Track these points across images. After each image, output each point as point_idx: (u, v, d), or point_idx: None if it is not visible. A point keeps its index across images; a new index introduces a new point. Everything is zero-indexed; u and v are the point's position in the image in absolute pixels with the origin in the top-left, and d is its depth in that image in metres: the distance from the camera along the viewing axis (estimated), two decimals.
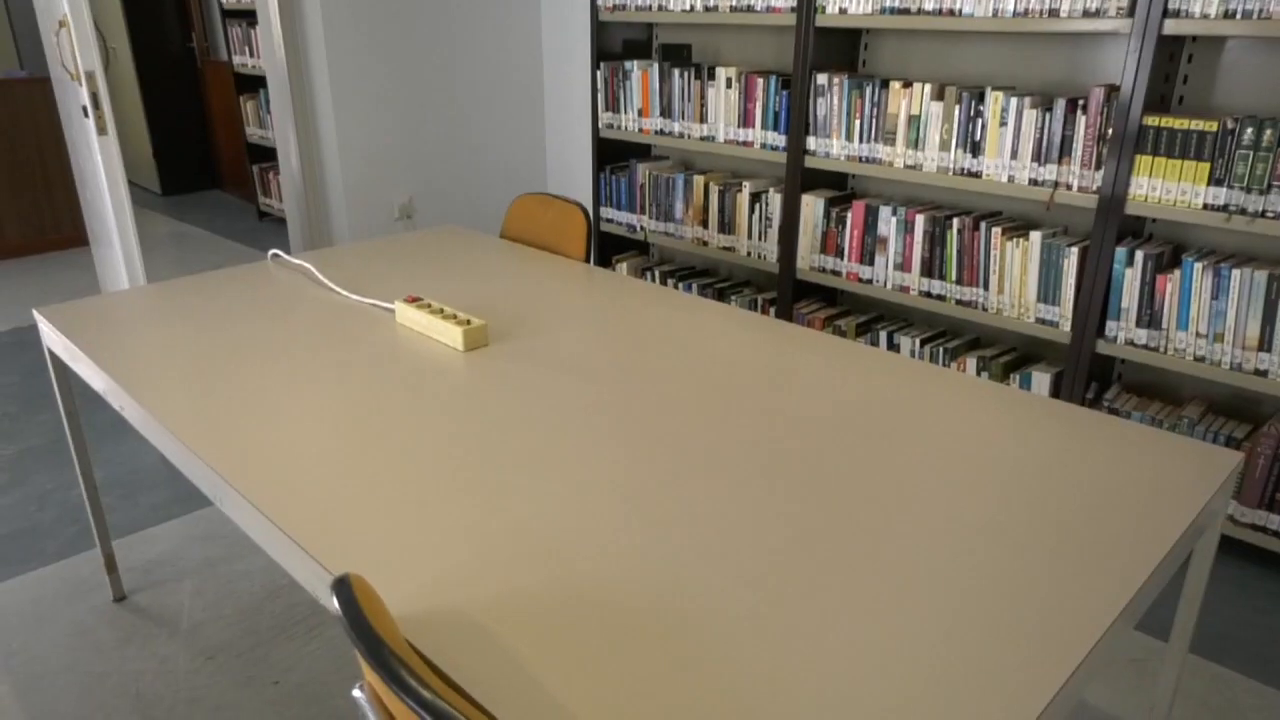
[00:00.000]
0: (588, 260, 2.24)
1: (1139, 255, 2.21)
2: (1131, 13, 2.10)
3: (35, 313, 1.84)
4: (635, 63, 3.26)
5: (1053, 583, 0.98)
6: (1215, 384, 2.37)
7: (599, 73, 3.37)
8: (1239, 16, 1.96)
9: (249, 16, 5.36)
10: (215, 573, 2.22)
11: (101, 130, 2.68)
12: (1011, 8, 2.29)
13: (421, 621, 0.92)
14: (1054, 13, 2.22)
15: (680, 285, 3.36)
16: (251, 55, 5.39)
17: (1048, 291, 2.39)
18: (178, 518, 2.46)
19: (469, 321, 1.65)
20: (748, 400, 1.43)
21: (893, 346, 2.79)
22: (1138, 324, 2.26)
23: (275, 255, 2.20)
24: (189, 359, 1.59)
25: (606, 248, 3.66)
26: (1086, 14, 2.17)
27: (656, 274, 3.47)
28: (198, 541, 2.35)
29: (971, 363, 2.60)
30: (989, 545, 1.05)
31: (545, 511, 1.12)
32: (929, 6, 2.43)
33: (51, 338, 1.79)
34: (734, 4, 2.87)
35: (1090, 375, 2.39)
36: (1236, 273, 2.08)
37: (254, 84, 5.62)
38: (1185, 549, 1.13)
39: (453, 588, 0.97)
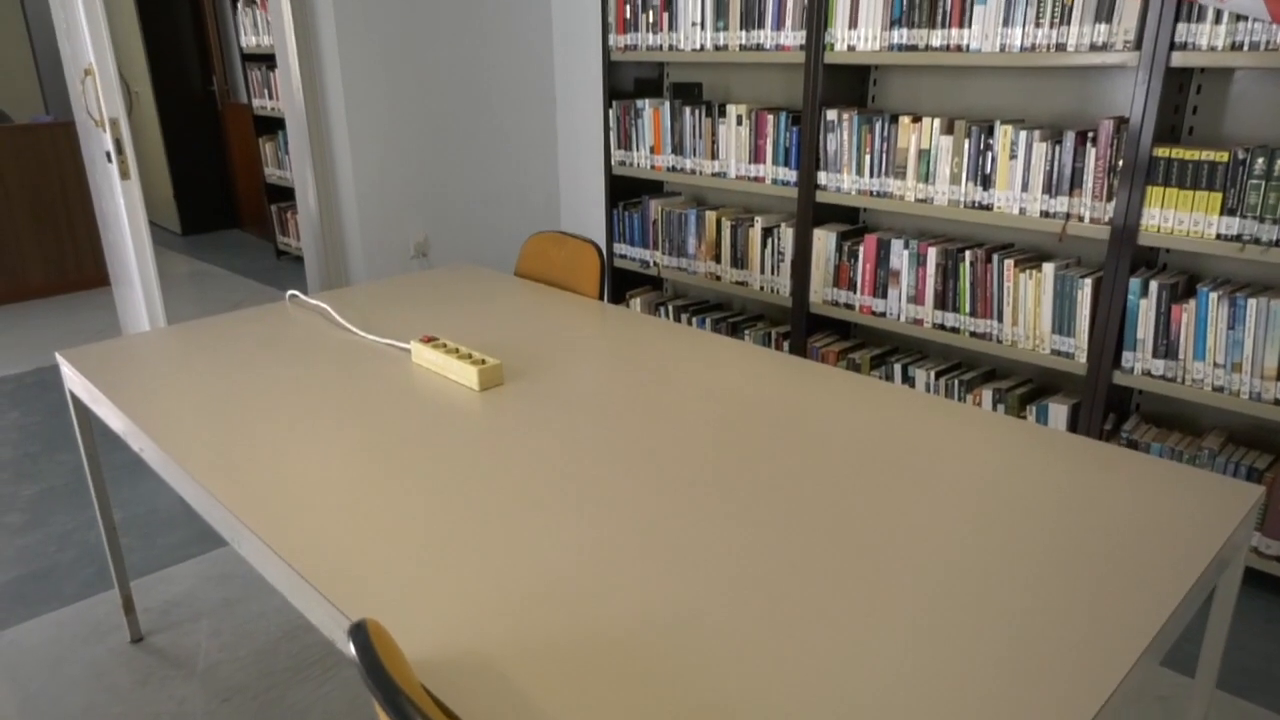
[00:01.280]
0: (601, 297, 2.26)
1: (1153, 286, 2.21)
2: (1139, 46, 2.12)
3: (58, 355, 1.86)
4: (647, 101, 3.30)
5: (1076, 619, 0.97)
6: (1235, 414, 2.35)
7: (611, 111, 3.42)
8: (1246, 48, 1.98)
9: (269, 60, 5.47)
10: (232, 613, 2.23)
11: (124, 175, 2.73)
12: (1018, 43, 2.31)
13: (437, 665, 0.92)
14: (1061, 47, 2.24)
15: (694, 320, 3.37)
16: (271, 98, 5.49)
17: (1062, 323, 2.39)
18: (195, 558, 2.47)
19: (484, 361, 1.66)
20: (764, 437, 1.43)
21: (908, 379, 2.78)
22: (1154, 355, 2.25)
23: (293, 296, 2.23)
24: (208, 401, 1.61)
25: (620, 283, 3.68)
26: (1094, 48, 2.19)
27: (670, 309, 3.48)
28: (214, 582, 2.36)
29: (988, 395, 2.59)
30: (1010, 582, 1.04)
31: (561, 552, 1.12)
32: (936, 43, 2.46)
33: (74, 380, 1.81)
34: (743, 43, 2.91)
35: (1108, 406, 2.37)
36: (1252, 302, 2.07)
37: (273, 126, 5.72)
38: (1209, 583, 1.11)
39: (468, 630, 0.97)
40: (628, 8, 3.24)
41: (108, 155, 2.77)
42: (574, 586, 1.05)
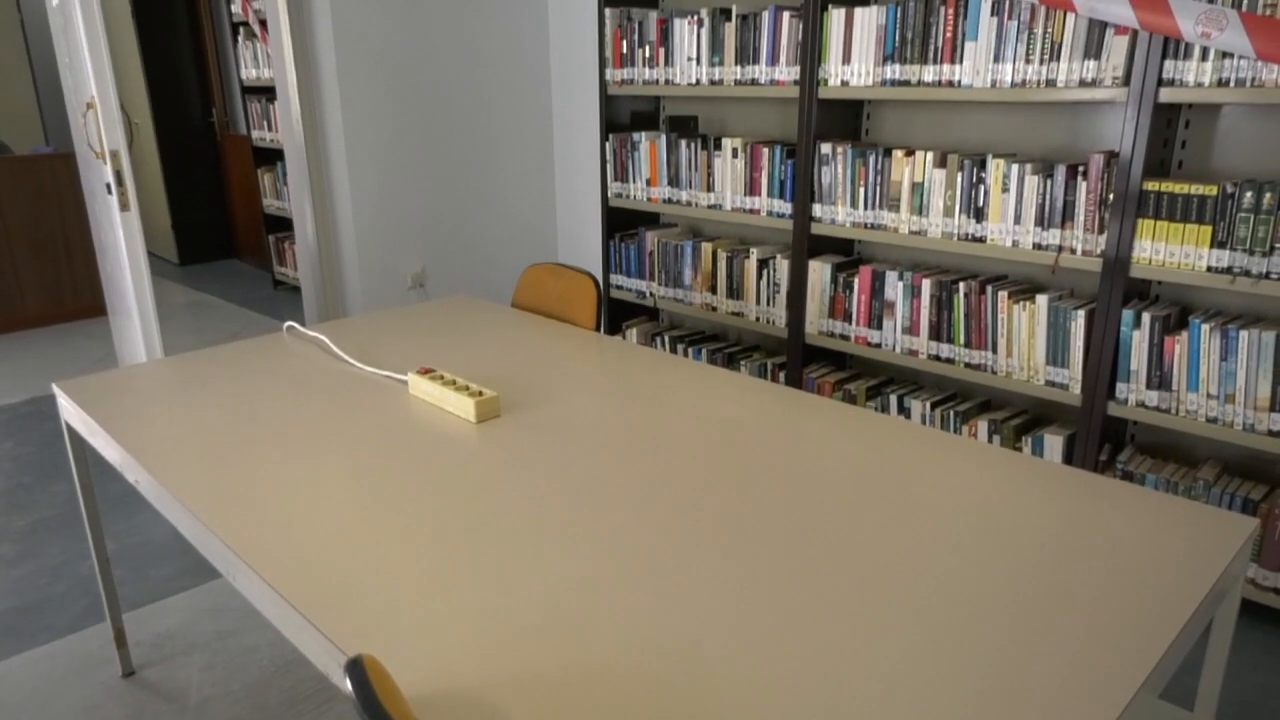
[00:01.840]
0: (598, 328, 2.27)
1: (1146, 317, 2.23)
2: (1127, 82, 2.15)
3: (55, 387, 1.87)
4: (643, 134, 3.34)
5: (1072, 654, 0.97)
6: (1229, 445, 2.36)
7: (608, 144, 3.45)
8: (1232, 85, 2.01)
9: (268, 92, 5.52)
10: (225, 646, 2.21)
11: (124, 207, 2.75)
12: (1009, 79, 2.34)
13: (434, 702, 0.91)
14: (1051, 83, 2.27)
15: (690, 350, 3.38)
16: (270, 129, 5.54)
17: (1056, 354, 2.40)
18: (188, 590, 2.45)
19: (480, 393, 1.66)
20: (760, 469, 1.44)
21: (903, 410, 2.79)
22: (1148, 386, 2.26)
23: (291, 327, 2.23)
24: (204, 432, 1.61)
25: (617, 314, 3.69)
26: (1083, 84, 2.22)
27: (666, 339, 3.49)
28: (207, 615, 2.34)
29: (983, 426, 2.60)
30: (1007, 615, 1.04)
31: (558, 585, 1.12)
32: (928, 78, 2.50)
33: (70, 411, 1.81)
34: (739, 78, 2.95)
35: (1103, 437, 2.38)
36: (1244, 334, 2.09)
37: (271, 157, 5.76)
38: (1206, 616, 1.11)
39: (466, 665, 0.97)
40: (624, 43, 3.29)
41: (108, 187, 2.79)
42: (571, 619, 1.05)
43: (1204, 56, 2.04)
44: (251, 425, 1.64)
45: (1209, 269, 2.11)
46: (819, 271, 2.87)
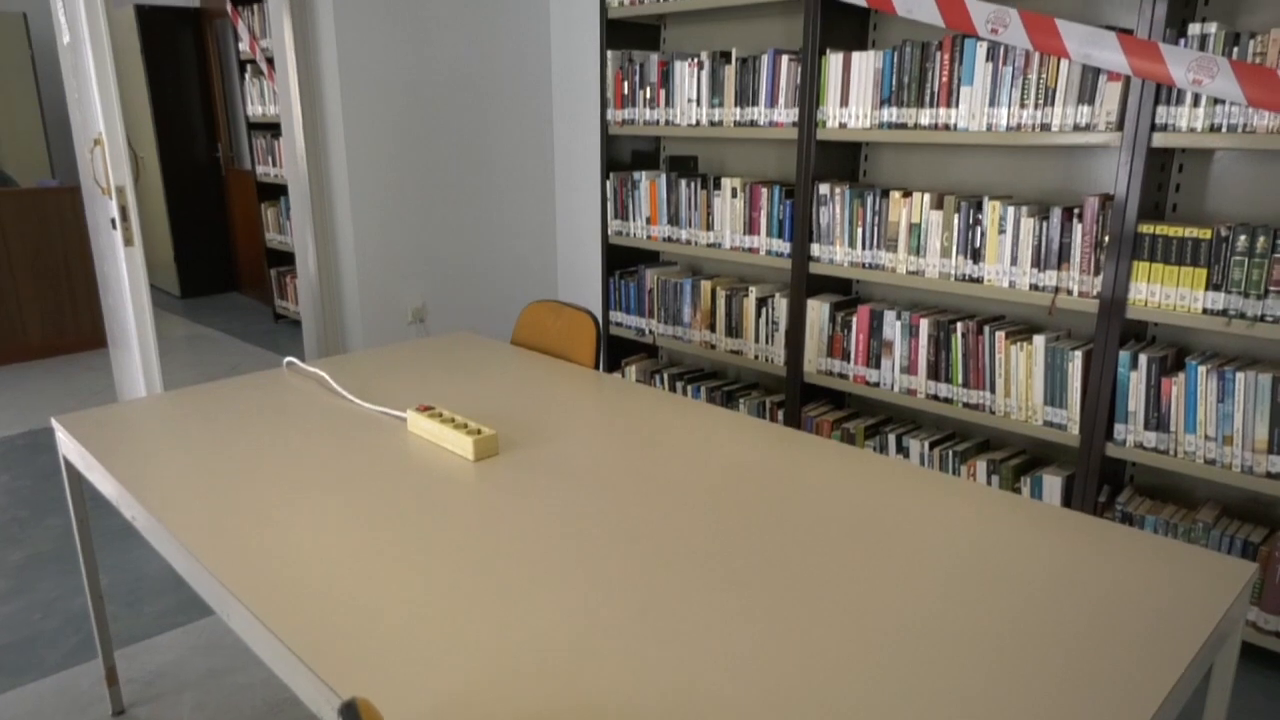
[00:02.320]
0: (597, 366, 2.27)
1: (1143, 359, 2.24)
2: (1120, 127, 2.18)
3: (54, 421, 1.87)
4: (644, 173, 3.37)
5: (1071, 701, 0.97)
6: (1228, 487, 2.36)
7: (609, 182, 3.49)
8: (1224, 130, 2.04)
9: (274, 129, 5.59)
10: (217, 684, 2.18)
11: (128, 241, 2.77)
12: (1004, 122, 2.37)
13: None
14: (1045, 127, 2.30)
15: (689, 388, 3.39)
16: (274, 165, 5.59)
17: (1054, 395, 2.41)
18: (181, 626, 2.43)
19: (479, 431, 1.67)
20: (758, 510, 1.44)
21: (902, 449, 2.78)
22: (1146, 427, 2.26)
23: (290, 363, 2.24)
24: (202, 469, 1.61)
25: (616, 351, 3.70)
26: (1077, 128, 2.25)
27: (665, 376, 3.50)
28: (200, 652, 2.32)
29: (982, 466, 2.60)
30: (1004, 660, 1.04)
31: (555, 627, 1.11)
32: (925, 121, 2.53)
33: (68, 445, 1.81)
34: (738, 119, 2.99)
35: (1102, 478, 2.38)
36: (1241, 376, 2.10)
37: (275, 192, 5.81)
38: (1206, 661, 1.11)
39: (461, 707, 0.96)
40: (626, 84, 3.34)
41: (112, 222, 2.81)
42: (569, 660, 1.04)
43: (1196, 102, 2.07)
44: (250, 462, 1.64)
45: (1204, 311, 2.13)
46: (817, 310, 2.89)
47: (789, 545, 1.32)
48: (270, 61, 5.27)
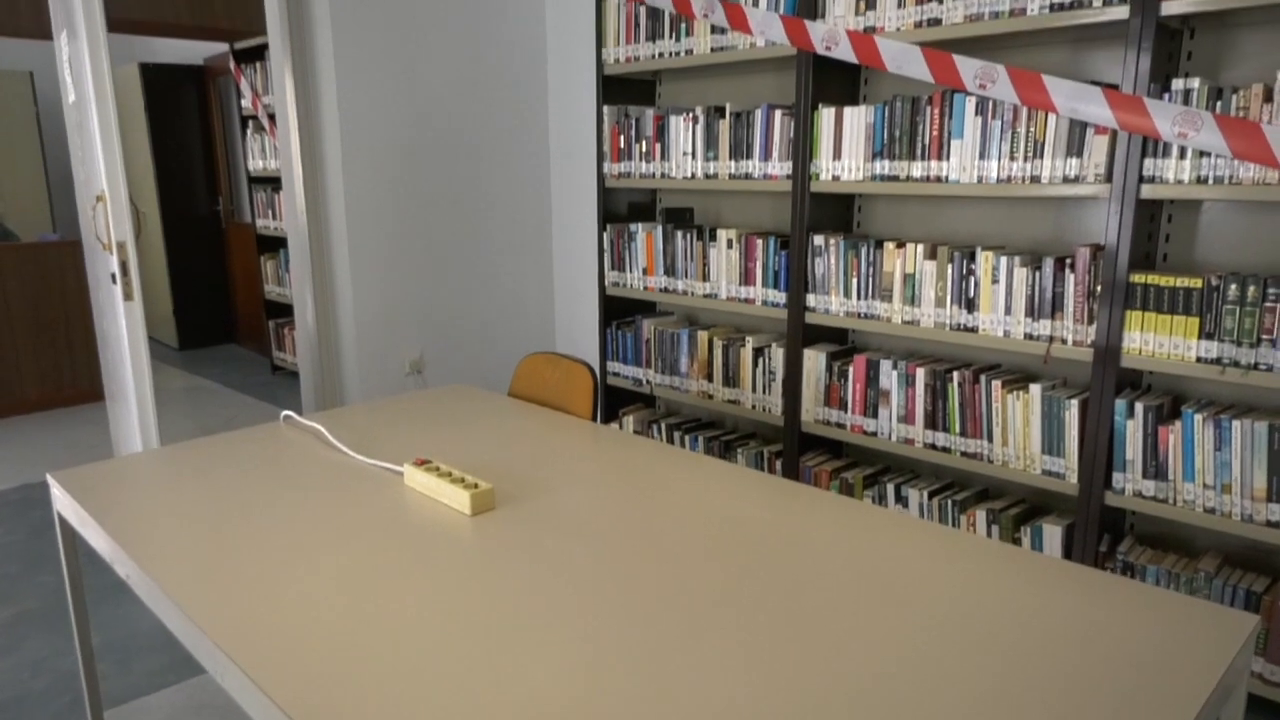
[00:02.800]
0: (595, 418, 2.28)
1: (1139, 407, 2.24)
2: (1109, 179, 2.22)
3: (49, 477, 1.86)
4: (640, 225, 3.41)
5: None
6: (1229, 536, 2.35)
7: (606, 234, 3.52)
8: (1211, 182, 2.07)
9: (274, 183, 5.66)
10: None
11: (128, 296, 2.78)
12: (995, 175, 2.41)
13: None
14: (1035, 179, 2.34)
15: (687, 438, 3.39)
16: (274, 218, 5.65)
17: (1052, 443, 2.41)
18: (172, 685, 2.39)
19: (476, 485, 1.66)
20: (757, 564, 1.43)
21: (901, 499, 2.77)
22: (1144, 475, 2.26)
23: (288, 417, 2.24)
24: (198, 526, 1.60)
25: (613, 401, 3.70)
26: (1066, 180, 2.29)
27: (663, 426, 3.50)
28: (191, 712, 2.28)
29: (981, 515, 2.59)
30: (1004, 717, 1.03)
31: (554, 683, 1.10)
32: (917, 173, 2.57)
33: (63, 501, 1.80)
34: (733, 172, 3.03)
35: (1102, 527, 2.37)
36: (1237, 424, 2.10)
37: (275, 244, 5.86)
38: (1211, 716, 1.09)
39: None
40: (622, 138, 3.39)
41: (112, 277, 2.83)
42: (569, 717, 1.03)
43: (1182, 155, 2.10)
44: (246, 518, 1.63)
45: (1198, 360, 2.14)
46: (814, 360, 2.90)
47: (789, 600, 1.31)
48: (272, 117, 5.36)
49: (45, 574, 3.07)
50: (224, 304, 6.95)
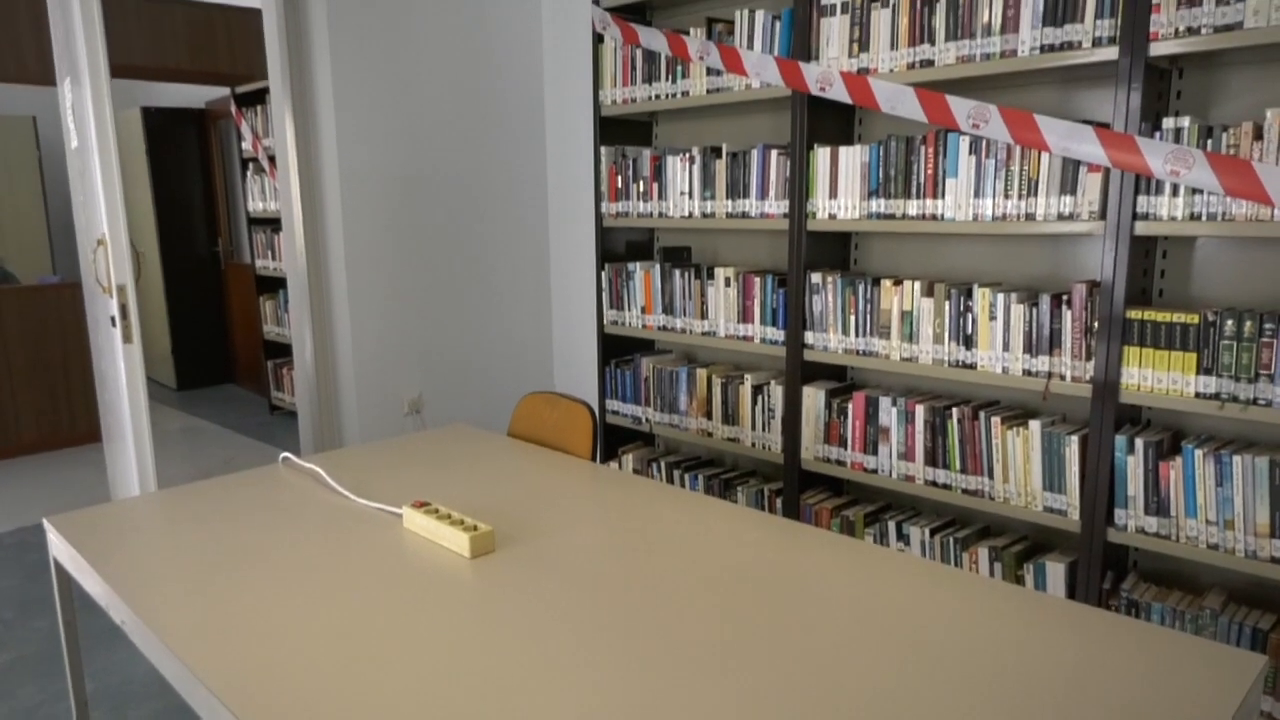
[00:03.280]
0: (594, 458, 2.27)
1: (1139, 443, 2.24)
2: (1103, 216, 2.24)
3: (45, 522, 1.85)
4: (638, 263, 3.43)
5: None
6: (1233, 572, 2.33)
7: (604, 273, 3.54)
8: (1204, 219, 2.09)
9: (273, 223, 5.69)
10: None
11: (127, 339, 2.79)
12: (990, 213, 2.43)
13: None
14: (1030, 216, 2.36)
15: (687, 476, 3.37)
16: (273, 259, 5.68)
17: (1053, 480, 2.40)
18: None
19: (475, 527, 1.65)
20: (759, 606, 1.42)
21: (902, 537, 2.76)
22: (1146, 512, 2.25)
23: (286, 459, 2.23)
24: (195, 572, 1.58)
25: (613, 439, 3.69)
26: (1061, 217, 2.31)
27: (662, 465, 3.48)
28: None
29: (984, 553, 2.57)
30: None
31: None
32: (912, 212, 2.59)
33: (59, 547, 1.79)
34: (730, 211, 3.06)
35: (1105, 564, 2.35)
36: (1237, 459, 2.10)
37: (274, 284, 5.88)
38: None
39: None
40: (619, 178, 3.42)
41: (112, 320, 2.84)
42: None
43: (1175, 192, 2.12)
44: (243, 563, 1.61)
45: (1197, 395, 2.14)
46: (813, 397, 2.90)
47: (790, 642, 1.30)
48: (272, 159, 5.41)
49: (40, 619, 3.03)
50: (222, 344, 6.96)
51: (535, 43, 4.15)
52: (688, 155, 3.16)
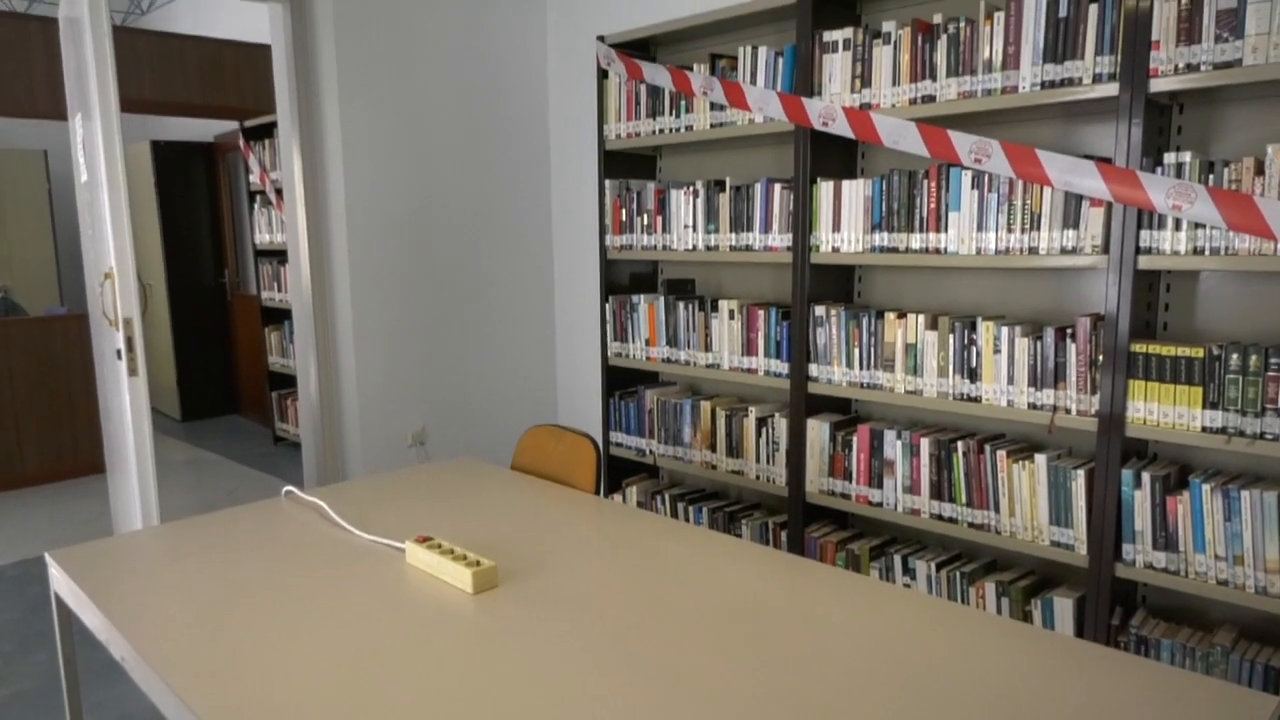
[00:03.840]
0: (598, 491, 2.26)
1: (1146, 477, 2.22)
2: (1106, 250, 2.24)
3: (47, 556, 1.84)
4: (642, 296, 3.44)
5: None
6: (1243, 608, 2.30)
7: (608, 305, 3.55)
8: (1207, 253, 2.09)
9: (280, 255, 5.73)
10: None
11: (133, 372, 2.80)
12: (993, 246, 2.44)
13: None
14: (1033, 250, 2.37)
15: (690, 509, 3.36)
16: (279, 290, 5.70)
17: (1059, 514, 2.38)
18: None
19: (478, 563, 1.64)
20: (764, 643, 1.40)
21: (908, 571, 2.74)
22: (1154, 546, 2.23)
23: (289, 492, 2.23)
24: (197, 608, 1.57)
25: (616, 471, 3.68)
26: (1064, 251, 2.31)
27: (666, 497, 3.47)
28: None
29: (991, 588, 2.55)
30: None
31: None
32: (915, 245, 2.60)
33: (60, 581, 1.78)
34: (734, 244, 3.07)
35: (1114, 599, 2.33)
36: (1246, 494, 2.08)
37: (279, 316, 5.90)
38: None
39: None
40: (624, 211, 3.44)
41: (118, 352, 2.85)
42: None
43: (1178, 226, 2.13)
44: (245, 599, 1.61)
45: (1203, 429, 2.13)
46: (817, 430, 2.89)
47: (795, 680, 1.28)
48: (279, 192, 5.46)
49: (40, 653, 3.01)
50: (227, 375, 6.97)
51: (541, 78, 4.20)
52: (692, 188, 3.18)
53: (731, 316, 3.11)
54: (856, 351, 2.77)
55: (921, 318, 2.61)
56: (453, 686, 1.28)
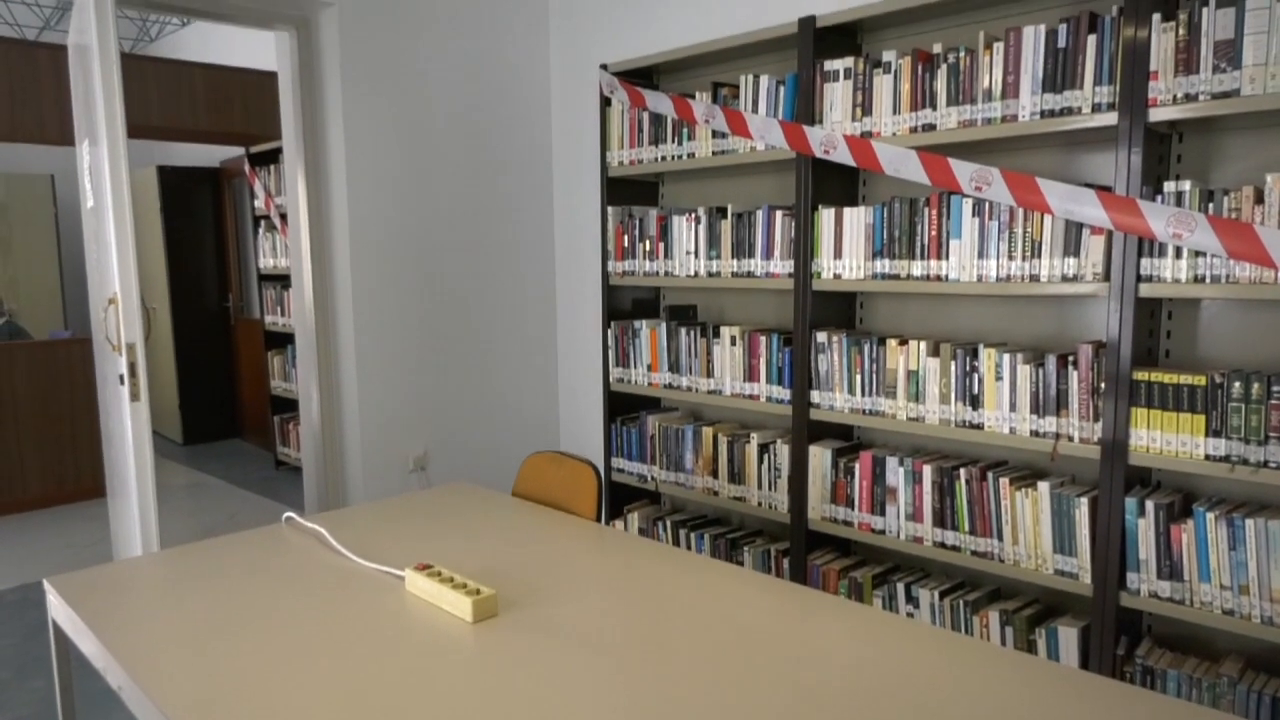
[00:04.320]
0: (599, 518, 2.25)
1: (1149, 505, 2.21)
2: (1107, 278, 2.25)
3: (45, 583, 1.83)
4: (644, 322, 3.45)
5: None
6: (1250, 639, 2.28)
7: (610, 331, 3.56)
8: (1208, 281, 2.10)
9: (283, 279, 5.75)
10: None
11: (135, 397, 2.80)
12: (994, 274, 2.45)
13: None
14: (1035, 278, 2.37)
15: (692, 535, 3.34)
16: (283, 314, 5.72)
17: (1063, 542, 2.37)
18: None
19: (478, 591, 1.63)
20: (767, 674, 1.39)
21: (911, 599, 2.72)
22: (1159, 576, 2.22)
23: (289, 518, 2.22)
24: (195, 637, 1.57)
25: (618, 497, 3.67)
26: (1065, 279, 2.32)
27: (668, 523, 3.45)
28: None
29: (994, 617, 2.53)
30: None
31: None
32: (917, 272, 2.61)
33: (58, 609, 1.77)
34: (735, 270, 3.08)
35: (1119, 629, 2.31)
36: (1250, 523, 2.07)
37: (282, 340, 5.92)
38: None
39: None
40: (626, 237, 3.46)
41: (121, 377, 2.86)
42: None
43: (1179, 254, 2.14)
44: (243, 627, 1.60)
45: (1207, 457, 2.12)
46: (819, 457, 2.88)
47: (800, 711, 1.27)
48: (283, 217, 5.49)
49: (38, 679, 2.99)
50: (230, 399, 6.98)
51: (544, 105, 4.24)
52: (693, 215, 3.20)
53: (733, 342, 3.12)
54: (858, 378, 2.77)
55: (923, 344, 2.61)
56: (452, 717, 1.27)
